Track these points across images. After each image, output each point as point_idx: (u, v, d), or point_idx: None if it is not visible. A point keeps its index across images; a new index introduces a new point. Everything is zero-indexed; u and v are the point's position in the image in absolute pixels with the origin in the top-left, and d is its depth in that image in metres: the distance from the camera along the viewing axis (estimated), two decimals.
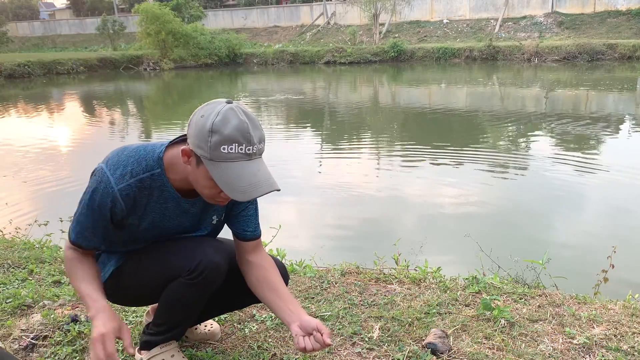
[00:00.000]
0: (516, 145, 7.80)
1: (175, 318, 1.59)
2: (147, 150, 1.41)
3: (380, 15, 26.16)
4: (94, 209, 1.38)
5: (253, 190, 1.26)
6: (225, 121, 1.23)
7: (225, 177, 1.25)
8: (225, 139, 1.22)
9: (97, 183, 1.37)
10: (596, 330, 1.88)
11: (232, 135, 1.22)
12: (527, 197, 5.29)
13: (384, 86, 17.38)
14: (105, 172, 1.37)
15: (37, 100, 16.07)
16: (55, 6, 57.24)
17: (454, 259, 3.74)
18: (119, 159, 1.39)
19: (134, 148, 1.42)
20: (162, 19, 23.71)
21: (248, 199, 1.28)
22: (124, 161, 1.38)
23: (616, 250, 2.62)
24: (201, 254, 1.46)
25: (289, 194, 5.53)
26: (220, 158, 1.24)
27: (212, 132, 1.22)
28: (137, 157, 1.39)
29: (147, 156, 1.40)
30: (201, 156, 1.26)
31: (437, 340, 1.76)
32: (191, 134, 1.27)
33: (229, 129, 1.22)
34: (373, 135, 9.09)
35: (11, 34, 36.87)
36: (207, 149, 1.24)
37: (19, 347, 1.83)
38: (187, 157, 1.32)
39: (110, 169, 1.37)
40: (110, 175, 1.36)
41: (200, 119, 1.25)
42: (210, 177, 1.27)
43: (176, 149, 1.39)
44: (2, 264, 2.67)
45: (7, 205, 4.99)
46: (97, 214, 1.39)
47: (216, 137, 1.22)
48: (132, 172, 1.38)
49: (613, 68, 17.95)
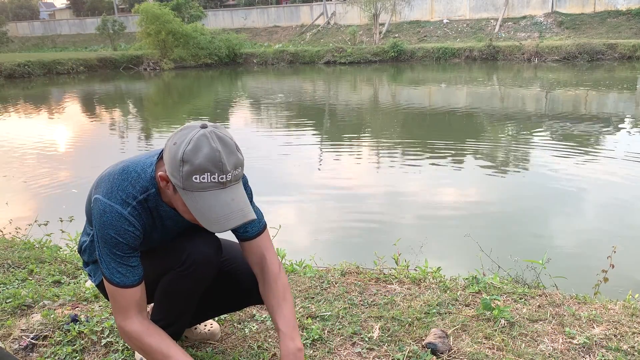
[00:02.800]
0: (516, 145, 7.80)
1: (171, 313, 1.58)
2: (137, 171, 1.37)
3: (380, 15, 26.14)
4: (115, 240, 1.33)
5: (225, 222, 1.24)
6: (196, 150, 1.19)
7: (199, 207, 1.23)
8: (196, 169, 1.19)
9: (103, 215, 1.32)
10: (596, 330, 1.88)
11: (202, 165, 1.19)
12: (527, 197, 5.29)
13: (384, 86, 17.37)
14: (106, 202, 1.33)
15: (37, 100, 16.07)
16: (55, 6, 57.20)
17: (454, 259, 3.74)
18: (112, 186, 1.35)
19: (123, 170, 1.37)
20: (162, 19, 23.69)
21: (222, 231, 1.26)
22: (118, 186, 1.34)
23: (616, 250, 2.62)
24: (191, 247, 1.47)
25: (289, 194, 5.53)
26: (193, 188, 1.22)
27: (183, 161, 1.20)
28: (130, 180, 1.35)
29: (140, 177, 1.36)
30: (175, 185, 1.24)
31: (437, 340, 1.76)
32: (166, 161, 1.25)
33: (200, 158, 1.19)
34: (373, 135, 9.09)
35: (11, 34, 36.89)
36: (179, 178, 1.22)
37: (19, 347, 1.83)
38: (166, 182, 1.29)
39: (109, 197, 1.33)
40: (112, 204, 1.33)
41: (173, 147, 1.22)
42: (184, 204, 1.26)
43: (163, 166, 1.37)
44: (2, 264, 2.68)
45: (7, 205, 4.99)
46: (120, 243, 1.34)
47: (187, 167, 1.20)
48: (132, 195, 1.35)
49: (613, 68, 17.95)
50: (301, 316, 2.00)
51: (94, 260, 1.59)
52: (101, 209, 1.32)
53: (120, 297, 1.37)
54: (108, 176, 1.39)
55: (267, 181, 5.88)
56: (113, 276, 1.35)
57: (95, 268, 1.61)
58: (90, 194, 1.45)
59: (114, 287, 1.36)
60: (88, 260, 1.62)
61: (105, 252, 1.34)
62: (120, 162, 1.44)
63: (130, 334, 1.37)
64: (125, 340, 1.43)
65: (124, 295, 1.37)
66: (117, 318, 1.39)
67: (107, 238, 1.33)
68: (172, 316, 1.60)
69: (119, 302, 1.37)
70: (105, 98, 16.26)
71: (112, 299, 1.39)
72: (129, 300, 1.37)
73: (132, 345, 1.43)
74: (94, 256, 1.56)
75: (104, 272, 1.36)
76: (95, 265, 1.60)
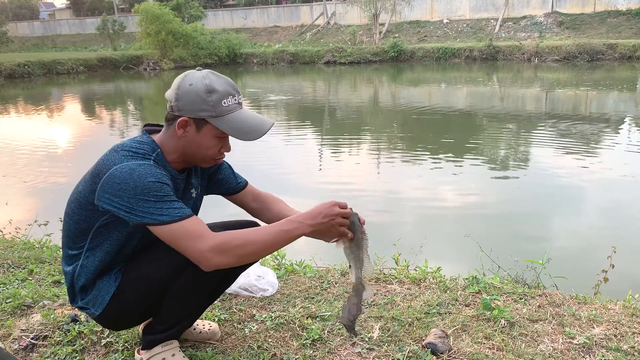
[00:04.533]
0: (516, 145, 7.80)
1: (184, 311, 1.59)
2: (134, 142, 1.43)
3: (380, 15, 26.15)
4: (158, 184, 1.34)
5: (260, 128, 1.43)
6: (214, 80, 1.39)
7: (234, 126, 1.41)
8: (223, 94, 1.39)
9: (133, 172, 1.32)
10: (596, 330, 1.88)
11: (226, 90, 1.40)
12: (527, 197, 5.29)
13: (384, 86, 17.37)
14: (129, 163, 1.35)
15: (37, 100, 16.07)
16: (55, 6, 57.22)
17: (454, 259, 3.74)
18: (123, 155, 1.38)
19: (118, 147, 1.41)
20: (162, 19, 23.70)
21: (258, 137, 1.43)
22: (129, 153, 1.38)
23: (616, 250, 2.61)
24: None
25: (289, 194, 5.53)
26: (224, 112, 1.40)
27: (209, 92, 1.37)
28: (134, 148, 1.41)
29: (142, 143, 1.43)
30: (206, 117, 1.39)
31: (437, 340, 1.76)
32: (186, 104, 1.38)
33: (221, 85, 1.40)
34: (373, 135, 9.10)
35: (11, 34, 36.90)
36: (211, 108, 1.38)
37: (19, 347, 1.83)
38: (184, 128, 1.41)
39: (129, 160, 1.36)
40: (136, 161, 1.36)
41: (190, 87, 1.38)
42: (214, 136, 1.42)
43: (155, 133, 1.49)
44: (2, 264, 2.68)
45: (7, 205, 4.99)
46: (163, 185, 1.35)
47: (215, 95, 1.38)
48: (146, 154, 1.41)
49: (613, 68, 17.95)
50: (301, 316, 2.00)
51: (92, 280, 1.50)
52: (127, 169, 1.33)
53: (190, 227, 1.35)
54: (114, 149, 1.40)
55: (267, 181, 5.88)
56: (173, 214, 1.33)
57: (96, 294, 1.50)
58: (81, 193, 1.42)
59: (180, 222, 1.34)
60: (86, 283, 1.50)
61: (153, 201, 1.32)
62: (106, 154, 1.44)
63: (225, 243, 1.35)
64: (220, 260, 1.35)
65: (193, 223, 1.36)
66: (200, 246, 1.34)
67: (150, 186, 1.32)
68: (184, 315, 1.61)
69: (191, 230, 1.35)
70: (105, 98, 16.26)
71: (182, 236, 1.34)
72: (198, 223, 1.37)
73: (237, 253, 1.37)
74: (90, 275, 1.49)
75: (163, 220, 1.32)
76: (97, 292, 1.50)
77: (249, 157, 6.59)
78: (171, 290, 1.52)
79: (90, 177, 1.41)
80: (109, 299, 1.50)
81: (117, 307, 1.51)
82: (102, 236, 1.47)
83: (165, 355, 1.61)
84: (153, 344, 1.61)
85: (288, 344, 1.82)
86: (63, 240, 1.54)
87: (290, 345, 1.81)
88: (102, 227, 1.45)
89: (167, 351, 1.61)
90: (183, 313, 1.60)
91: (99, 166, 1.40)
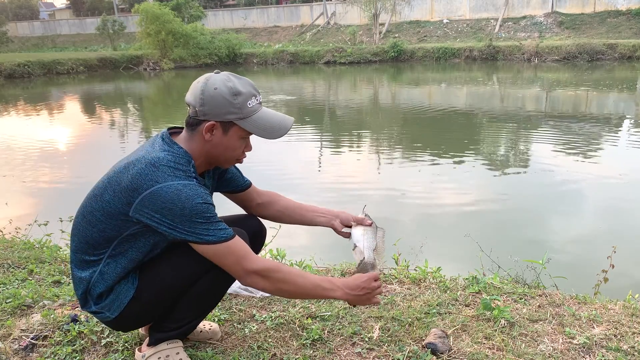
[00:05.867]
0: (516, 145, 7.81)
1: (198, 312, 1.62)
2: (169, 152, 1.42)
3: (380, 15, 26.15)
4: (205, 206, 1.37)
5: (284, 124, 1.50)
6: (237, 82, 1.43)
7: (260, 126, 1.46)
8: (247, 96, 1.43)
9: (181, 193, 1.34)
10: (596, 330, 1.88)
11: (249, 91, 1.44)
12: (527, 197, 5.29)
13: (384, 86, 17.37)
14: (175, 183, 1.35)
15: (37, 100, 16.06)
16: (55, 6, 57.22)
17: (454, 259, 3.74)
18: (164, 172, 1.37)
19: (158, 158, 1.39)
20: (162, 19, 23.70)
21: (283, 135, 1.49)
22: (169, 170, 1.37)
23: (616, 250, 2.61)
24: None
25: (289, 194, 5.52)
26: (250, 113, 1.44)
27: (235, 95, 1.41)
28: (173, 159, 1.40)
29: (176, 154, 1.42)
30: (234, 120, 1.43)
31: (437, 340, 1.76)
32: (212, 108, 1.41)
33: (244, 87, 1.44)
34: (373, 135, 9.10)
35: (11, 34, 36.90)
36: (238, 110, 1.42)
37: (19, 347, 1.83)
38: (211, 132, 1.44)
39: (174, 179, 1.36)
40: (181, 181, 1.37)
41: (215, 91, 1.40)
42: (240, 137, 1.47)
43: (178, 137, 1.49)
44: (2, 264, 2.67)
45: (7, 205, 4.99)
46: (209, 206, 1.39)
47: (240, 97, 1.42)
48: (186, 171, 1.41)
49: (613, 68, 17.95)
50: (301, 316, 2.00)
51: (110, 286, 1.49)
52: (174, 189, 1.35)
53: (236, 247, 1.41)
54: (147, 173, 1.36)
55: (267, 181, 5.88)
56: (220, 235, 1.39)
57: (114, 299, 1.50)
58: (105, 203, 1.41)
59: (227, 243, 1.39)
60: (104, 290, 1.49)
61: (200, 222, 1.36)
62: (125, 162, 1.43)
63: (267, 269, 1.43)
64: (258, 283, 1.43)
65: (237, 243, 1.42)
66: (245, 266, 1.41)
67: (198, 207, 1.36)
68: (197, 315, 1.63)
69: (238, 251, 1.41)
70: (105, 98, 16.26)
71: (227, 255, 1.40)
72: (243, 245, 1.43)
73: (270, 280, 1.44)
74: (110, 281, 1.48)
75: (209, 240, 1.37)
76: (114, 296, 1.50)
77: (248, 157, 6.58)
78: (189, 293, 1.54)
79: (126, 190, 1.38)
80: (127, 302, 1.50)
81: (134, 311, 1.52)
82: (128, 244, 1.46)
83: (170, 352, 1.62)
84: (160, 341, 1.63)
85: (288, 344, 1.82)
86: (77, 245, 1.50)
87: (290, 345, 1.81)
88: (130, 235, 1.44)
89: (172, 349, 1.63)
90: (196, 314, 1.62)
91: (136, 180, 1.37)
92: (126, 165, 1.42)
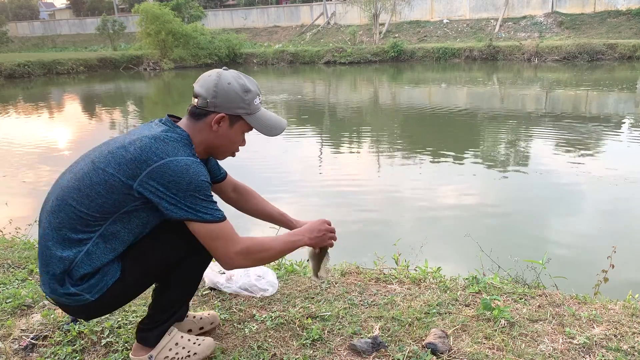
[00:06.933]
0: (516, 145, 7.80)
1: (185, 297, 1.71)
2: (172, 131, 1.46)
3: (380, 15, 26.14)
4: (207, 184, 1.43)
5: (280, 125, 1.59)
6: (247, 81, 1.52)
7: (263, 123, 1.55)
8: (254, 94, 1.53)
9: (188, 168, 1.39)
10: (596, 330, 1.88)
11: (255, 90, 1.53)
12: (527, 197, 5.29)
13: (384, 86, 17.37)
14: (183, 159, 1.40)
15: (37, 100, 16.06)
16: (55, 6, 57.21)
17: (454, 259, 3.74)
18: (170, 148, 1.41)
19: (163, 134, 1.44)
20: (162, 19, 23.68)
21: (279, 134, 1.59)
22: (175, 146, 1.42)
23: (616, 250, 2.61)
24: None
25: (289, 194, 5.53)
26: (255, 110, 1.54)
27: (246, 91, 1.50)
28: (174, 141, 1.44)
29: (180, 134, 1.47)
30: (242, 114, 1.51)
31: (437, 340, 1.76)
32: (225, 101, 1.47)
33: (252, 85, 1.53)
34: (373, 135, 9.10)
35: (11, 34, 36.87)
36: (247, 105, 1.51)
37: (19, 347, 1.83)
38: (219, 124, 1.50)
39: (181, 155, 1.41)
40: (189, 157, 1.42)
41: (229, 86, 1.47)
42: (242, 132, 1.57)
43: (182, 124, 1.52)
44: (2, 264, 2.68)
45: (7, 205, 4.99)
46: (209, 185, 1.45)
47: (249, 94, 1.51)
48: (191, 150, 1.46)
49: (613, 68, 17.95)
50: (301, 316, 2.00)
51: (98, 267, 1.45)
52: (184, 164, 1.39)
53: (226, 229, 1.46)
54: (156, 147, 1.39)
55: (267, 181, 5.88)
56: (215, 214, 1.44)
57: (99, 279, 1.45)
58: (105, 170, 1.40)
59: (219, 223, 1.44)
60: (90, 271, 1.44)
61: (201, 199, 1.41)
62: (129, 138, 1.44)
63: (249, 248, 1.49)
64: (241, 263, 1.50)
65: (227, 226, 1.47)
66: (230, 249, 1.46)
67: (203, 185, 1.41)
68: (184, 300, 1.72)
69: (226, 233, 1.46)
70: (105, 98, 16.26)
71: (218, 236, 1.44)
72: (231, 227, 1.48)
73: (255, 258, 1.52)
74: (98, 262, 1.45)
75: (206, 219, 1.42)
76: (100, 276, 1.45)
77: (248, 157, 6.59)
78: (174, 278, 1.58)
79: (132, 162, 1.37)
80: (112, 283, 1.47)
81: (114, 293, 1.49)
82: (121, 223, 1.44)
83: (175, 339, 1.68)
84: (159, 337, 1.66)
85: (288, 344, 1.82)
86: (63, 221, 1.43)
87: (290, 345, 1.81)
88: (126, 213, 1.43)
89: (174, 337, 1.69)
90: (183, 299, 1.70)
91: (145, 153, 1.38)
92: (132, 141, 1.42)
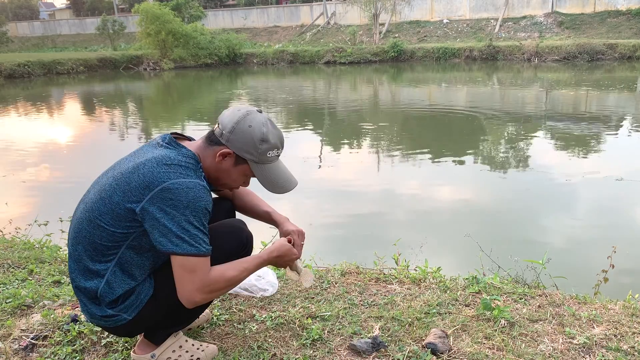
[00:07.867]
0: (516, 145, 7.80)
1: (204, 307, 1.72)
2: (179, 153, 1.46)
3: (380, 15, 26.14)
4: (205, 211, 1.41)
5: (287, 185, 1.58)
6: (270, 131, 1.49)
7: (266, 176, 1.54)
8: (272, 146, 1.50)
9: (189, 191, 1.37)
10: (596, 330, 1.88)
11: (275, 143, 1.51)
12: (527, 197, 5.29)
13: (384, 86, 17.37)
14: (186, 181, 1.38)
15: (37, 100, 16.06)
16: (55, 6, 57.19)
17: (454, 259, 3.74)
18: (174, 170, 1.40)
19: (169, 157, 1.43)
20: (162, 19, 23.68)
21: (280, 193, 1.57)
22: (180, 169, 1.41)
23: (616, 250, 2.62)
24: (239, 227, 1.67)
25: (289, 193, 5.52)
26: (265, 161, 1.52)
27: (263, 141, 1.48)
28: (185, 160, 1.44)
29: (187, 155, 1.46)
30: (249, 160, 1.50)
31: (437, 340, 1.76)
32: (237, 140, 1.47)
33: (274, 138, 1.51)
34: (373, 135, 9.09)
35: (11, 34, 36.85)
36: (256, 154, 1.49)
37: (19, 347, 1.83)
38: (223, 157, 1.49)
39: (185, 177, 1.40)
40: (192, 180, 1.40)
41: (248, 129, 1.47)
42: (245, 174, 1.55)
43: (190, 146, 1.52)
44: (2, 264, 2.67)
45: (7, 205, 4.99)
46: (207, 213, 1.43)
47: (265, 145, 1.49)
48: (198, 172, 1.46)
49: (613, 68, 17.94)
50: (301, 316, 2.00)
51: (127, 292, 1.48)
52: (184, 187, 1.37)
53: (204, 267, 1.41)
54: (159, 172, 1.39)
55: None
56: (200, 247, 1.39)
57: (134, 300, 1.49)
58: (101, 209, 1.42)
59: (200, 258, 1.39)
60: (119, 296, 1.47)
61: (194, 226, 1.38)
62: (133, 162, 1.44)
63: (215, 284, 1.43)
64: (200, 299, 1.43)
65: (206, 264, 1.42)
66: (200, 291, 1.41)
67: (199, 211, 1.39)
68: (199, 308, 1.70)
69: (202, 272, 1.40)
70: (105, 98, 16.26)
71: (194, 272, 1.39)
72: (208, 265, 1.43)
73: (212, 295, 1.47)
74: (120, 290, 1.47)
75: (187, 251, 1.37)
76: (134, 297, 1.49)
77: None
78: None
79: (136, 189, 1.39)
80: (146, 301, 1.51)
81: (149, 311, 1.52)
82: (133, 249, 1.46)
83: (180, 342, 1.69)
84: (165, 337, 1.67)
85: (288, 344, 1.82)
86: (82, 253, 1.46)
87: (290, 345, 1.81)
88: (135, 239, 1.45)
89: (178, 340, 1.70)
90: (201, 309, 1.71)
91: (148, 178, 1.39)
92: (135, 166, 1.42)
